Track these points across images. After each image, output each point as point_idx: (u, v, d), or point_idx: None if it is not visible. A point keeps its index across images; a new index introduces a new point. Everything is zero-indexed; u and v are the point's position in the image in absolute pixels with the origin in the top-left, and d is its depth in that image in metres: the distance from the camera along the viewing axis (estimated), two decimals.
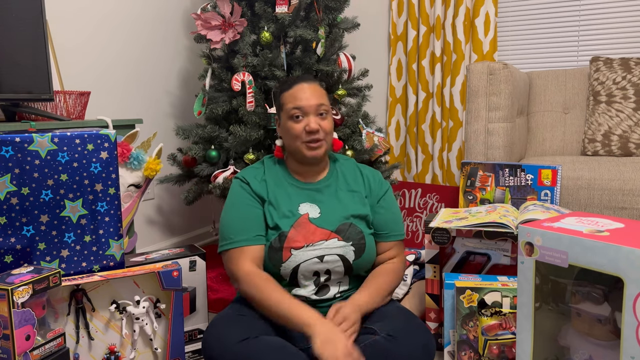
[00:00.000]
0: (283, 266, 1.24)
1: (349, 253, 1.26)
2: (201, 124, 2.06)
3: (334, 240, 1.26)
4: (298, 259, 1.23)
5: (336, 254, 1.25)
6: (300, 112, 1.26)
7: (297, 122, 1.27)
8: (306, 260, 1.23)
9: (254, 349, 1.06)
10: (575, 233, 0.85)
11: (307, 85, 1.29)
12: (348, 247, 1.26)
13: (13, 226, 1.08)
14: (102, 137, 1.17)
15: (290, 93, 1.29)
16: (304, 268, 1.24)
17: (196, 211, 2.59)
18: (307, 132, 1.26)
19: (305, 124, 1.26)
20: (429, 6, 2.60)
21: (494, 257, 1.37)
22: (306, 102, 1.26)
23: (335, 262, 1.25)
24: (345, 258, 1.26)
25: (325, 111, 1.28)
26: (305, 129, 1.25)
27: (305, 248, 1.24)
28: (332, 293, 1.27)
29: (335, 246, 1.25)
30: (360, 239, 1.27)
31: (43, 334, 1.01)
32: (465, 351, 1.25)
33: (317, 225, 1.27)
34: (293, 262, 1.24)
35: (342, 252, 1.26)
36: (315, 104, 1.26)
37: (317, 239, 1.25)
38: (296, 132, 1.26)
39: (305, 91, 1.28)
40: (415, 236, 2.43)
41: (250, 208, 1.28)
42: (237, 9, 1.92)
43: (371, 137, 2.13)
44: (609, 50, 2.41)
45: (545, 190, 1.62)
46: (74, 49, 1.90)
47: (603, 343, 0.87)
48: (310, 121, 1.26)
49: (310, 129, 1.25)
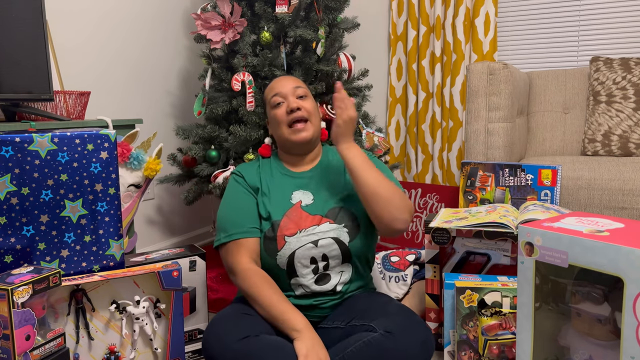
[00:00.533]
0: (279, 255, 1.26)
1: (342, 235, 1.27)
2: (201, 124, 2.06)
3: (326, 224, 1.27)
4: (292, 245, 1.25)
5: (330, 237, 1.26)
6: (279, 97, 1.33)
7: (279, 108, 1.33)
8: (301, 247, 1.25)
9: (254, 347, 1.07)
10: (575, 233, 0.85)
11: (284, 77, 1.40)
12: (341, 229, 1.27)
13: (13, 226, 1.08)
14: (102, 137, 1.17)
15: (270, 87, 1.39)
16: (300, 254, 1.25)
17: (196, 211, 2.59)
18: (289, 113, 1.31)
19: (286, 106, 1.31)
20: (429, 6, 2.60)
21: (494, 257, 1.37)
22: (282, 87, 1.34)
23: (330, 246, 1.26)
24: (340, 240, 1.27)
25: (304, 94, 1.35)
26: (286, 111, 1.31)
27: (298, 234, 1.26)
28: (333, 283, 1.28)
29: (329, 229, 1.27)
30: (353, 220, 1.29)
31: (43, 334, 1.01)
32: (465, 351, 1.25)
33: (309, 212, 1.29)
34: (288, 250, 1.25)
35: (336, 234, 1.27)
36: (291, 87, 1.34)
37: (309, 225, 1.27)
38: (279, 118, 1.32)
39: (281, 80, 1.37)
40: (415, 236, 2.43)
41: (244, 200, 1.32)
42: (237, 9, 1.92)
43: (371, 137, 2.13)
44: (609, 50, 2.41)
45: (545, 190, 1.62)
46: (74, 48, 1.91)
47: (603, 343, 0.87)
48: (290, 101, 1.31)
49: (290, 108, 1.30)
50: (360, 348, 1.08)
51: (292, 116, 1.31)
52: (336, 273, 1.29)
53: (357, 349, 1.09)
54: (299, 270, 1.27)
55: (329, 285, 1.28)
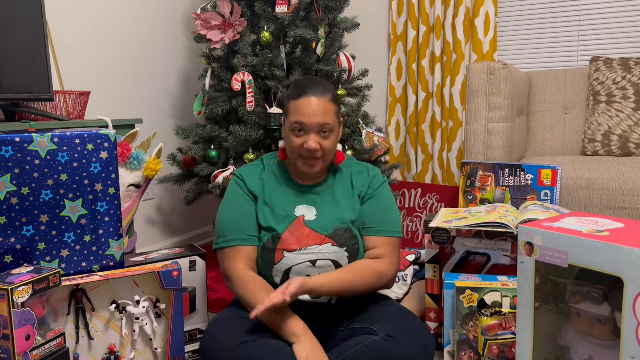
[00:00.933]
0: (275, 267, 1.24)
1: (342, 259, 1.25)
2: (201, 124, 2.06)
3: (328, 245, 1.24)
4: (290, 261, 1.23)
5: (329, 259, 1.24)
6: (301, 127, 1.21)
7: (297, 137, 1.22)
8: (298, 264, 1.23)
9: (252, 352, 1.06)
10: (575, 233, 0.85)
11: (316, 100, 1.20)
12: (342, 253, 1.25)
13: (13, 226, 1.08)
14: (102, 137, 1.17)
15: (296, 104, 1.22)
16: (296, 271, 1.23)
17: (196, 211, 2.59)
18: (306, 149, 1.22)
19: (304, 141, 1.21)
20: (429, 6, 2.60)
21: (494, 257, 1.37)
22: (309, 119, 1.20)
23: (328, 268, 1.24)
24: (339, 264, 1.25)
25: (329, 130, 1.22)
26: (304, 145, 1.21)
27: (298, 251, 1.23)
28: (327, 297, 1.26)
29: (329, 251, 1.24)
30: (354, 244, 1.26)
31: (43, 334, 1.01)
32: (465, 351, 1.25)
33: (312, 228, 1.25)
34: (285, 265, 1.23)
35: (336, 257, 1.24)
36: (318, 123, 1.20)
37: (311, 243, 1.24)
38: (295, 147, 1.23)
39: (312, 107, 1.20)
40: (415, 236, 2.43)
41: (244, 206, 1.28)
42: (237, 9, 1.92)
43: (371, 137, 2.13)
44: (609, 50, 2.41)
45: (545, 190, 1.62)
46: (74, 49, 1.91)
47: (603, 343, 0.87)
48: (310, 139, 1.20)
49: (308, 148, 1.20)
50: (361, 351, 1.08)
51: (308, 155, 1.23)
52: None
53: (358, 352, 1.09)
54: None
55: (323, 298, 1.26)
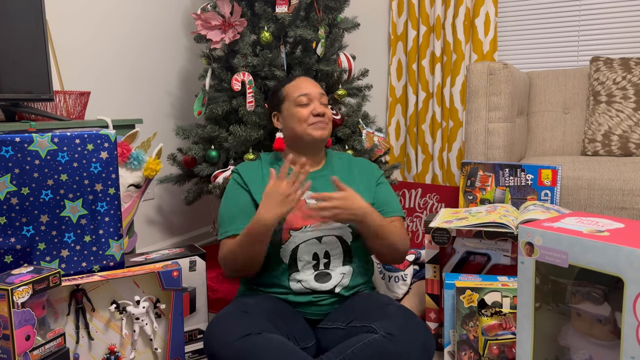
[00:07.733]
0: (283, 247, 1.30)
1: (346, 234, 1.32)
2: (201, 124, 2.06)
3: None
4: (297, 239, 1.30)
5: (334, 235, 1.31)
6: (306, 98, 1.39)
7: (304, 107, 1.38)
8: (305, 241, 1.29)
9: (255, 345, 1.07)
10: (575, 233, 0.85)
11: (309, 79, 1.46)
12: (346, 229, 1.32)
13: (13, 226, 1.08)
14: (102, 137, 1.17)
15: (294, 84, 1.43)
16: (303, 249, 1.29)
17: (196, 211, 2.59)
18: (314, 115, 1.37)
19: (312, 109, 1.38)
20: (429, 6, 2.60)
21: (494, 257, 1.37)
22: (312, 90, 1.40)
23: (333, 244, 1.31)
24: (343, 239, 1.32)
25: (326, 103, 1.43)
26: (312, 112, 1.37)
27: (304, 229, 1.30)
28: (333, 283, 1.30)
29: (334, 227, 1.31)
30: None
31: (43, 334, 1.01)
32: (465, 351, 1.25)
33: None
34: (292, 243, 1.29)
35: (340, 233, 1.32)
36: (319, 92, 1.41)
37: (315, 221, 1.30)
38: (303, 116, 1.37)
39: (309, 82, 1.44)
40: (415, 236, 2.43)
41: (239, 197, 1.36)
42: (237, 9, 1.92)
43: (371, 137, 2.13)
44: (609, 50, 2.41)
45: (545, 190, 1.62)
46: (74, 48, 1.90)
47: (603, 343, 0.87)
48: (316, 105, 1.38)
49: (317, 112, 1.37)
50: (361, 349, 1.08)
51: (318, 119, 1.37)
52: (337, 274, 1.30)
53: (357, 350, 1.09)
54: (300, 265, 1.29)
55: (329, 284, 1.29)
